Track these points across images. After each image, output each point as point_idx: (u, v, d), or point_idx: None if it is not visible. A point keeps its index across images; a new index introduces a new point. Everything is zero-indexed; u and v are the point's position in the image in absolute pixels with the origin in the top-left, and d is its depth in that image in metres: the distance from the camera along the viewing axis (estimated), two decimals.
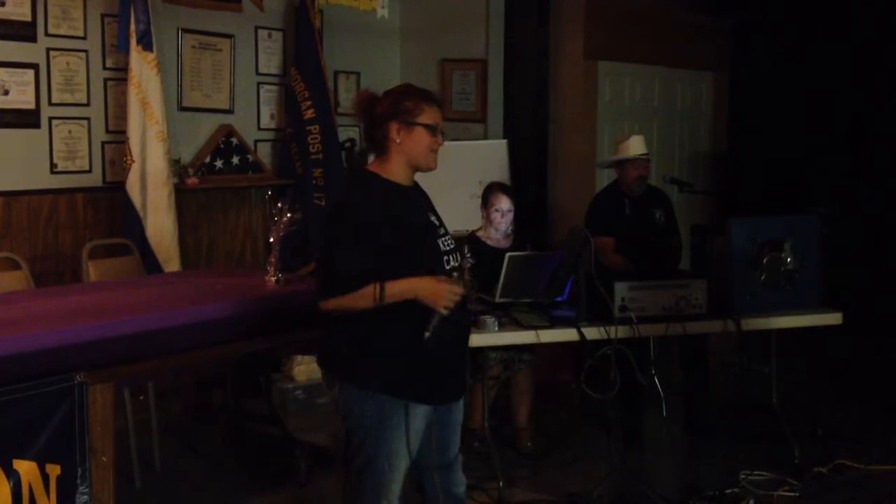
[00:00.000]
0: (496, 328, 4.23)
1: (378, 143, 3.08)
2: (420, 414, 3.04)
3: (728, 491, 4.26)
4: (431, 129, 3.04)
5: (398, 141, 3.03)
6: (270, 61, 6.18)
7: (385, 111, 3.04)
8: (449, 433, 3.22)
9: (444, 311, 2.93)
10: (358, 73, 6.67)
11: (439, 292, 2.93)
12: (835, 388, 5.88)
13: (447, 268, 3.06)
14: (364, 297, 2.92)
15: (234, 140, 5.92)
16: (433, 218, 3.14)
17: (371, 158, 3.25)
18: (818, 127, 8.16)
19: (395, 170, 3.06)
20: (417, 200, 3.13)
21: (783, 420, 4.75)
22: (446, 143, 3.17)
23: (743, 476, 4.43)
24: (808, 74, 8.11)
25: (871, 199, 8.13)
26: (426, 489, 3.25)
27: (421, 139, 3.03)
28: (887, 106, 8.00)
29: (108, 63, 5.33)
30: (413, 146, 3.03)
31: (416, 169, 3.10)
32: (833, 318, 4.70)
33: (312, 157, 5.96)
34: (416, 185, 3.18)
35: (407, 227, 3.01)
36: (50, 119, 5.11)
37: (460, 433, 3.29)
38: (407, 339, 2.98)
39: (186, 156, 5.70)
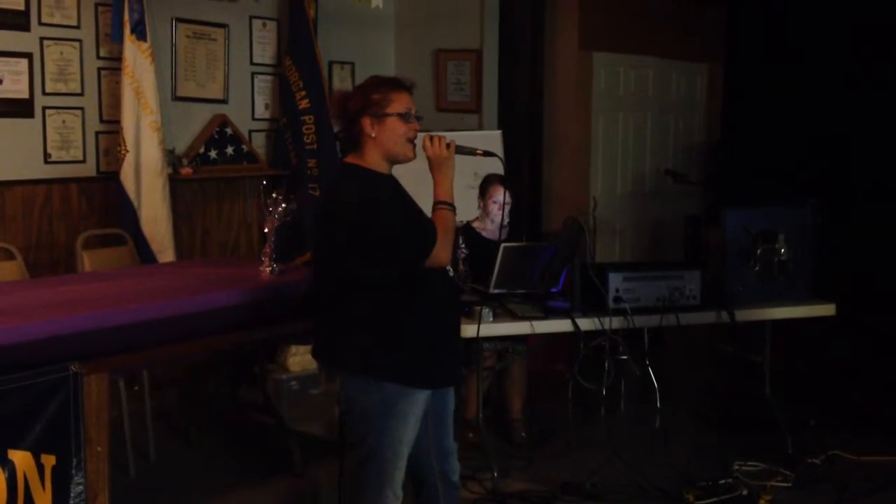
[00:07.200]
0: (490, 319, 4.22)
1: (354, 140, 3.05)
2: (422, 400, 3.05)
3: (721, 481, 4.28)
4: (404, 117, 3.00)
5: (373, 135, 2.99)
6: (265, 51, 6.16)
7: (356, 107, 3.01)
8: (445, 419, 3.23)
9: (453, 147, 3.06)
10: (353, 64, 6.65)
11: (437, 153, 3.03)
12: (827, 378, 5.89)
13: None
14: (442, 219, 3.00)
15: (229, 130, 5.90)
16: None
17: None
18: (813, 118, 8.17)
19: (374, 163, 3.03)
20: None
21: (776, 411, 4.76)
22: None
23: (736, 466, 4.45)
24: (802, 65, 8.10)
25: (865, 190, 8.15)
26: (423, 477, 3.24)
27: (395, 129, 2.99)
28: (882, 97, 8.00)
29: (102, 52, 5.32)
30: (388, 137, 2.99)
31: (393, 161, 3.05)
32: (826, 310, 4.72)
33: (307, 147, 5.95)
34: None
35: (409, 207, 3.03)
36: (44, 109, 5.09)
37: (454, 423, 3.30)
38: (405, 325, 2.99)
39: (181, 146, 5.69)
